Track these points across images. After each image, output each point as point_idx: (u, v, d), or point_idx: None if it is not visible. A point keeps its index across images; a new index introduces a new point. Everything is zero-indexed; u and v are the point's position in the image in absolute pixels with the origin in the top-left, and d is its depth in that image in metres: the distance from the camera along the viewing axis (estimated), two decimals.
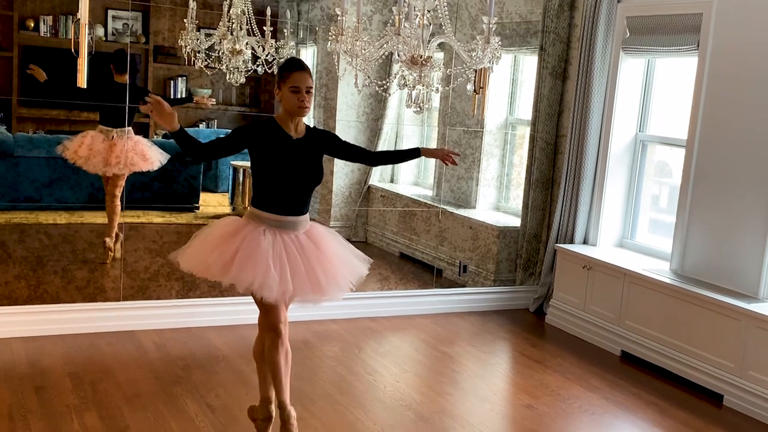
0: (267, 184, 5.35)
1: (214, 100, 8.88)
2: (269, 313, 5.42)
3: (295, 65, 5.38)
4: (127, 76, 8.14)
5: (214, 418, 6.09)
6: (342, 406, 6.35)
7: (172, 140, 5.09)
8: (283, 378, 5.45)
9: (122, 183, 8.19)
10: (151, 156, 8.26)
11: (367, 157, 5.97)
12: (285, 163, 5.30)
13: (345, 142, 5.79)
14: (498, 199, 10.29)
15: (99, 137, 8.04)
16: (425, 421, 6.38)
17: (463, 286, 9.71)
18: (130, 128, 8.15)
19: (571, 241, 9.13)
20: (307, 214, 5.53)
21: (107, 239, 8.27)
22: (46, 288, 7.85)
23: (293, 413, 5.49)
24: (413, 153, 6.06)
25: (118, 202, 8.19)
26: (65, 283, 7.93)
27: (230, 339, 7.82)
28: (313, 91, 5.41)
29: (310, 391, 6.76)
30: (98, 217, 8.33)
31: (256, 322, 7.58)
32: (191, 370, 7.02)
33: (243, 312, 8.19)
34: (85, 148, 7.99)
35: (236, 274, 5.20)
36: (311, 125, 5.65)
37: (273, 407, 5.67)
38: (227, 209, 8.97)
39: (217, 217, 8.79)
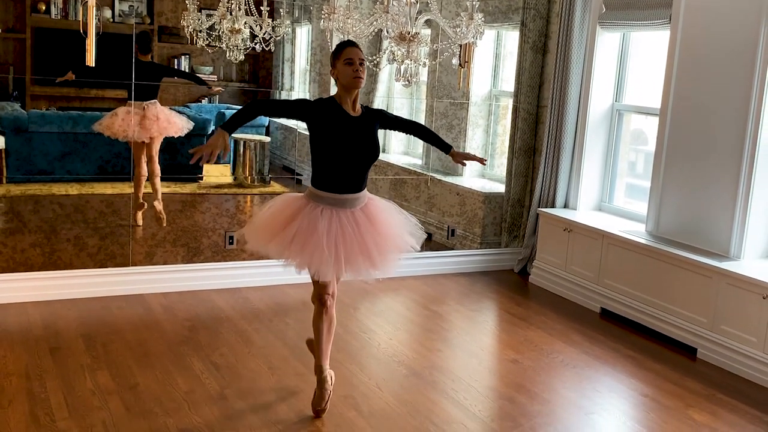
0: (327, 162, 5.29)
1: (221, 90, 8.89)
2: (319, 285, 5.45)
3: (346, 43, 5.35)
4: (150, 56, 8.25)
5: (219, 376, 6.06)
6: (339, 363, 6.31)
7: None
8: (324, 344, 5.52)
9: (157, 148, 8.24)
10: (178, 123, 8.33)
11: (411, 127, 5.90)
12: (345, 140, 5.24)
13: (394, 115, 5.76)
14: (483, 167, 10.25)
15: (131, 110, 8.06)
16: (417, 375, 6.36)
17: (452, 248, 9.68)
18: (156, 100, 8.21)
19: (553, 206, 9.10)
20: (365, 190, 5.48)
21: (156, 203, 8.28)
22: (60, 255, 7.82)
23: (330, 377, 5.57)
24: (445, 147, 5.95)
25: (158, 165, 8.24)
26: (77, 250, 7.90)
27: (233, 301, 7.79)
28: (365, 64, 5.35)
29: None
30: (108, 188, 8.29)
31: (260, 285, 7.63)
32: (197, 330, 6.99)
33: (245, 275, 8.20)
34: (119, 121, 8.02)
35: (295, 256, 5.24)
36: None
37: None
38: (229, 179, 8.93)
39: (219, 186, 8.77)
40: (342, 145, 5.23)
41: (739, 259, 7.21)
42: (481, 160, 6.06)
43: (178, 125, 8.38)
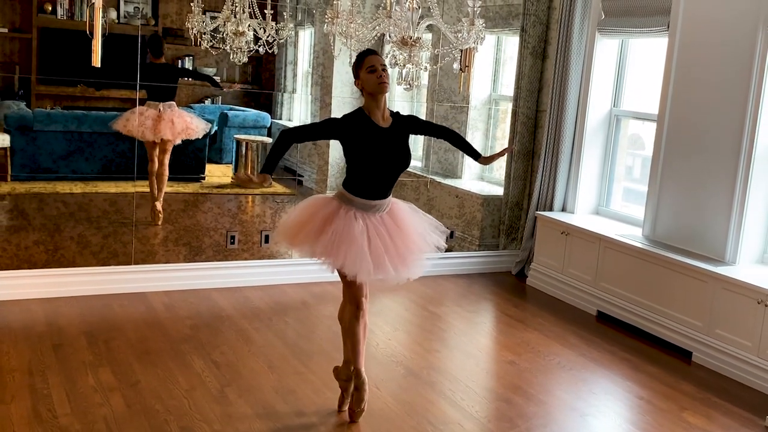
0: (359, 171, 5.28)
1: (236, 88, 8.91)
2: (353, 289, 5.40)
3: (365, 52, 5.33)
4: (163, 59, 8.29)
5: (219, 374, 6.06)
6: (338, 362, 6.26)
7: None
8: (360, 348, 5.46)
9: (170, 150, 8.27)
10: (195, 125, 8.36)
11: (442, 132, 5.90)
12: (375, 152, 5.22)
13: (426, 122, 5.71)
14: (482, 170, 10.24)
15: (147, 111, 8.09)
16: (415, 375, 6.35)
17: (450, 250, 9.67)
18: (173, 102, 8.24)
19: (551, 209, 9.09)
20: (391, 195, 5.47)
21: (156, 203, 8.29)
22: (63, 253, 7.81)
23: (366, 380, 5.50)
24: (475, 154, 5.87)
25: (167, 169, 8.26)
26: (81, 248, 7.89)
27: (234, 300, 7.79)
28: (388, 70, 5.33)
29: (309, 348, 6.73)
30: (111, 187, 8.28)
31: (260, 284, 7.60)
32: (198, 328, 6.98)
33: (245, 275, 8.20)
34: (141, 119, 8.06)
35: (334, 258, 5.19)
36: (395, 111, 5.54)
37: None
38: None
39: (221, 186, 8.76)
40: (374, 157, 5.22)
41: (734, 264, 7.20)
42: (507, 151, 6.11)
43: (194, 128, 8.40)
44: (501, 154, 5.99)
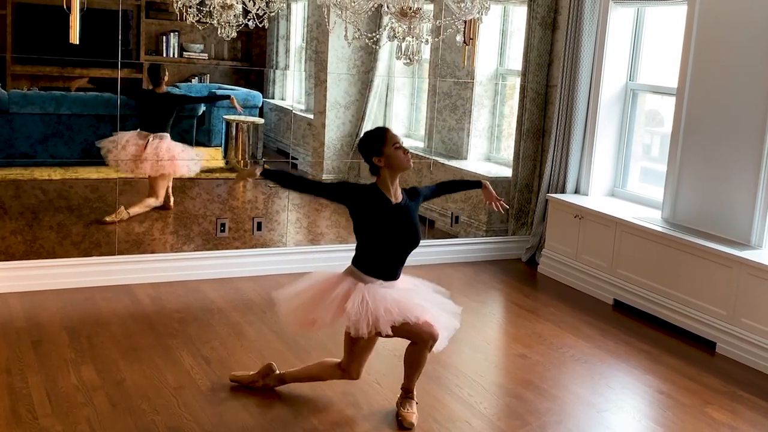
0: (372, 247, 5.42)
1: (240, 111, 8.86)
2: (353, 358, 5.64)
3: (382, 129, 5.50)
4: (164, 87, 8.25)
5: (210, 370, 6.05)
6: (337, 357, 6.28)
7: None
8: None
9: (163, 185, 8.31)
10: (181, 164, 8.30)
11: (440, 188, 6.04)
12: (388, 227, 5.37)
13: (425, 188, 5.87)
14: (489, 150, 10.22)
15: (134, 140, 8.08)
16: None
17: (456, 236, 9.65)
18: (167, 134, 8.23)
19: (563, 191, 9.07)
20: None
21: (124, 209, 8.26)
22: (42, 243, 7.79)
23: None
24: (475, 184, 6.15)
25: (153, 199, 8.24)
26: (61, 238, 7.87)
27: (224, 292, 7.78)
28: None
29: (306, 342, 6.71)
30: (92, 173, 8.25)
31: (253, 275, 7.55)
32: (186, 322, 6.98)
33: (237, 265, 8.21)
34: (120, 148, 8.04)
35: (374, 317, 5.22)
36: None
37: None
38: (220, 163, 8.89)
39: (210, 170, 8.73)
40: (388, 233, 5.38)
41: (760, 247, 7.19)
42: (502, 207, 6.21)
43: (181, 166, 8.35)
44: (496, 199, 6.14)
